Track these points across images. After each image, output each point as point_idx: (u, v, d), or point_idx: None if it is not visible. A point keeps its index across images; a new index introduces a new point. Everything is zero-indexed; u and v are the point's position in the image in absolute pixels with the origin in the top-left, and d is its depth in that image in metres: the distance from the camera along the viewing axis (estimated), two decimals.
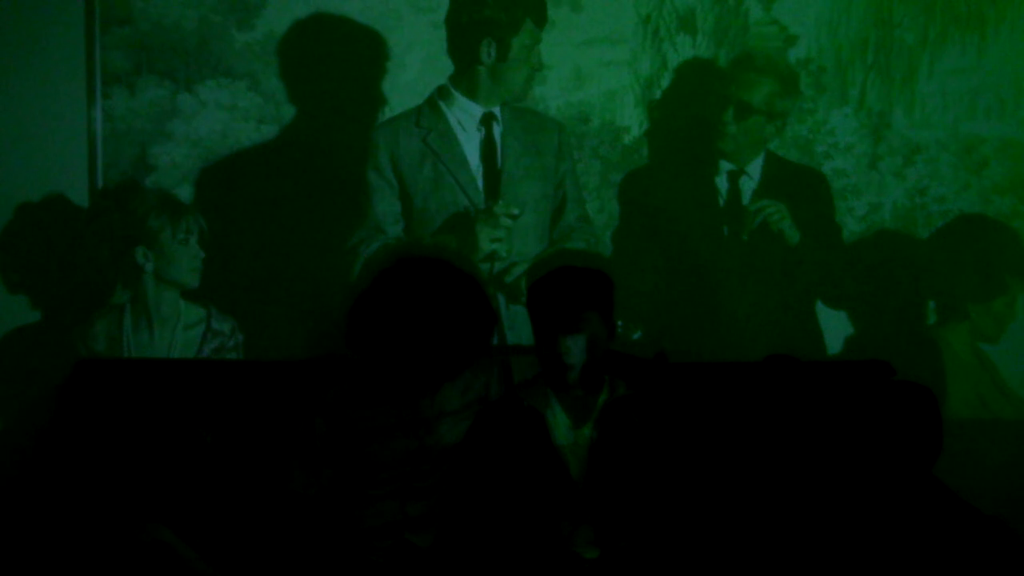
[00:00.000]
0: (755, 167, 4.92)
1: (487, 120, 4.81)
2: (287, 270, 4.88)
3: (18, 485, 3.36)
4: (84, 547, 3.20)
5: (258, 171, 4.93)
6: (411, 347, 3.46)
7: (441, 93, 4.82)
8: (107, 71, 4.87)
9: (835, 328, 4.99)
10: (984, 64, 5.03)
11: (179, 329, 4.71)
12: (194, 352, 4.69)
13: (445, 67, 4.85)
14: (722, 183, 4.92)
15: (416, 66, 4.93)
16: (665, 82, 5.00)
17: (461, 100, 4.80)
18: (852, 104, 5.04)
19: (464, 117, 4.81)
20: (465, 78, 4.80)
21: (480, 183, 4.80)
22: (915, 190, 5.04)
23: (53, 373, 4.36)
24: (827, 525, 3.20)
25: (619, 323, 3.79)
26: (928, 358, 4.90)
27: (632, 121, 5.01)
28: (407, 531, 3.56)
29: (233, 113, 4.93)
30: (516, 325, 4.72)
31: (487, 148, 4.82)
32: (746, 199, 4.90)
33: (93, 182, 4.86)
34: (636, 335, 4.90)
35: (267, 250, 4.91)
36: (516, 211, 4.74)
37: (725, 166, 4.91)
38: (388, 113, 4.91)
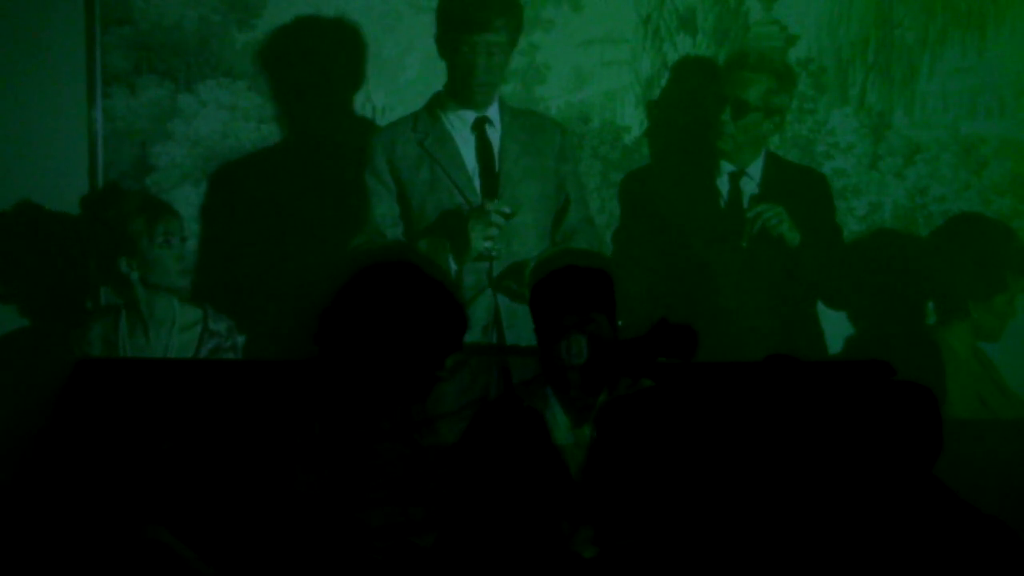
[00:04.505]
0: (755, 168, 4.92)
1: (480, 124, 4.80)
2: (288, 270, 4.88)
3: (16, 485, 3.36)
4: (83, 547, 3.20)
5: (258, 171, 4.93)
6: (379, 358, 3.44)
7: (437, 99, 4.82)
8: (107, 71, 4.87)
9: (835, 328, 4.98)
10: (984, 64, 5.03)
11: (175, 331, 4.67)
12: (191, 354, 4.66)
13: (445, 68, 4.85)
14: (723, 184, 4.91)
15: (416, 66, 4.93)
16: (665, 82, 5.01)
17: (454, 106, 4.79)
18: (852, 104, 5.04)
19: (458, 122, 4.81)
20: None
21: (477, 184, 4.79)
22: (915, 190, 5.04)
23: (49, 377, 4.35)
24: (827, 525, 3.20)
25: (619, 323, 3.79)
26: (928, 358, 4.90)
27: (632, 121, 5.01)
28: (409, 533, 3.55)
29: (233, 113, 4.93)
30: (516, 324, 4.70)
31: (482, 150, 4.81)
32: (747, 200, 4.90)
33: (93, 182, 4.86)
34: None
35: (267, 250, 4.91)
36: (508, 209, 4.72)
37: (726, 167, 4.90)
38: (388, 113, 4.91)
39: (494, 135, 4.81)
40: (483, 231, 4.71)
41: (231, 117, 4.93)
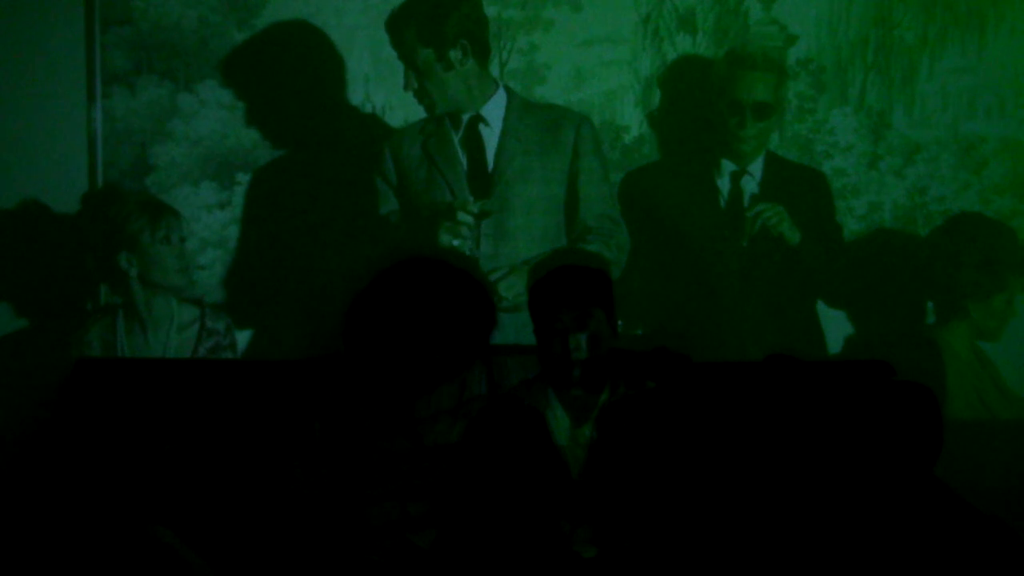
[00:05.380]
0: (756, 167, 4.91)
1: (472, 123, 4.78)
2: (291, 270, 4.88)
3: (15, 484, 3.36)
4: (82, 548, 3.20)
5: (260, 172, 4.93)
6: (409, 348, 3.45)
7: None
8: (107, 71, 4.87)
9: (835, 328, 4.98)
10: (984, 64, 5.03)
11: (173, 331, 4.66)
12: (189, 353, 4.66)
13: None
14: (724, 184, 4.91)
15: None
16: (665, 82, 5.01)
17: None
18: (852, 104, 5.04)
19: (456, 122, 4.79)
20: None
21: (466, 184, 4.77)
22: (915, 190, 5.04)
23: (49, 377, 4.34)
24: (827, 525, 3.20)
25: (619, 322, 3.80)
26: (928, 358, 4.90)
27: (632, 121, 5.01)
28: (408, 531, 3.55)
29: (233, 112, 4.94)
30: (502, 328, 4.68)
31: (473, 149, 4.78)
32: (747, 199, 4.89)
33: (93, 182, 4.86)
34: (636, 334, 4.89)
35: (270, 249, 4.91)
36: (476, 208, 4.70)
37: (727, 167, 4.90)
38: (388, 113, 4.91)
39: (491, 134, 4.79)
40: (450, 229, 4.68)
41: (231, 116, 4.93)
